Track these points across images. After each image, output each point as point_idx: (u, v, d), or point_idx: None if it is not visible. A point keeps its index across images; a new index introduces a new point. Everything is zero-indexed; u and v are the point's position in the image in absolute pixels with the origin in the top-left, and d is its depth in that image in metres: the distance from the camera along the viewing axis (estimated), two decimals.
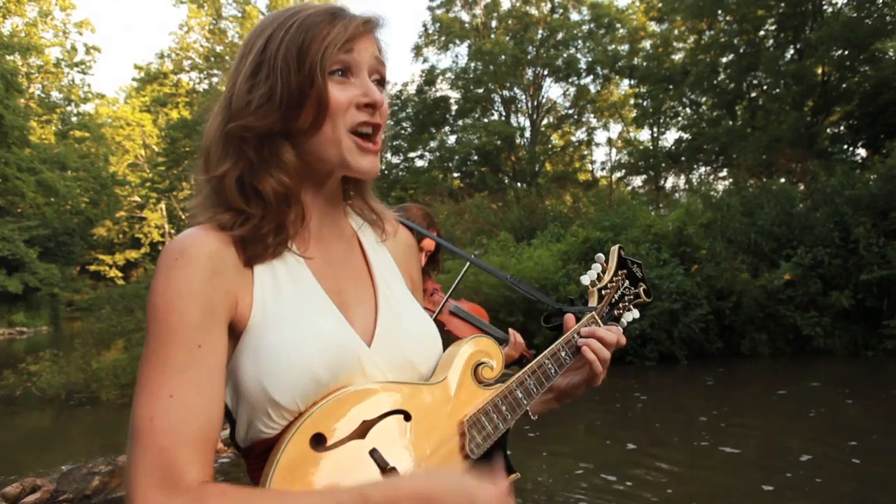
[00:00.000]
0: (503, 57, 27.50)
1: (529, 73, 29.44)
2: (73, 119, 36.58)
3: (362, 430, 0.85)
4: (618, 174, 30.10)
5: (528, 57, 28.52)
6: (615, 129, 37.13)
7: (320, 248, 0.98)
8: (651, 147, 27.16)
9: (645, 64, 25.73)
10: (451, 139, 30.54)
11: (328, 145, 0.91)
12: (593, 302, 1.26)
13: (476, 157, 29.32)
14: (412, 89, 31.18)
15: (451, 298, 2.58)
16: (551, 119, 31.00)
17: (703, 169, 24.99)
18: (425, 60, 30.90)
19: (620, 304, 1.32)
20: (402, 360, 0.96)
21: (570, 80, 28.94)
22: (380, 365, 0.92)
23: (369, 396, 0.88)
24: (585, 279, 1.28)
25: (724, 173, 23.38)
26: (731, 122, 22.29)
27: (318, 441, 0.82)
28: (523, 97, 30.23)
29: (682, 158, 24.61)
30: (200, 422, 0.78)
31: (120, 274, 41.68)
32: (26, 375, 11.10)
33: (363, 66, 0.94)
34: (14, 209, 29.72)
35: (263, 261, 0.89)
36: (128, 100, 42.06)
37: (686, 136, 24.96)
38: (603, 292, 1.29)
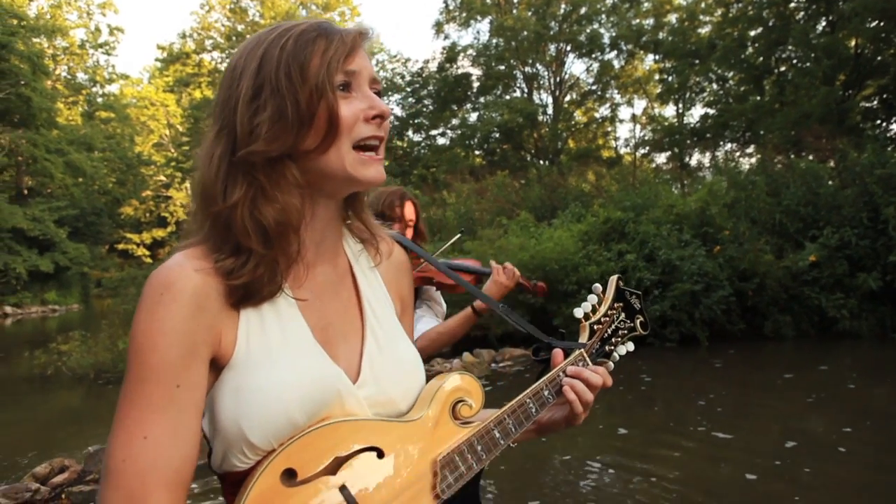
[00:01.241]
0: (525, 33, 27.07)
1: (552, 48, 28.99)
2: (99, 100, 37.03)
3: (334, 467, 0.85)
4: (642, 151, 29.66)
5: (551, 32, 28.05)
6: (639, 105, 36.58)
7: (312, 279, 0.97)
8: (676, 123, 26.67)
9: (670, 38, 25.13)
10: (473, 116, 30.32)
11: (334, 162, 0.89)
12: (584, 336, 1.23)
13: (498, 135, 29.08)
14: (433, 67, 30.97)
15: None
16: (574, 95, 30.57)
17: (729, 146, 24.51)
18: (446, 37, 30.69)
19: (613, 339, 1.28)
20: (383, 397, 0.95)
21: (593, 56, 28.46)
22: (361, 401, 0.92)
23: (343, 432, 0.88)
24: (579, 312, 1.25)
25: (751, 149, 22.93)
26: (758, 98, 21.77)
27: (289, 476, 0.82)
28: (546, 73, 29.84)
29: (708, 135, 24.15)
30: (173, 465, 0.79)
31: (147, 252, 42.42)
32: (57, 355, 11.43)
33: (363, 79, 0.92)
34: (44, 190, 30.33)
35: (254, 305, 0.89)
36: (151, 80, 42.38)
37: (712, 112, 24.47)
38: (595, 327, 1.26)
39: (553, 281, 11.08)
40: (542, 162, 27.26)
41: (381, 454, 0.90)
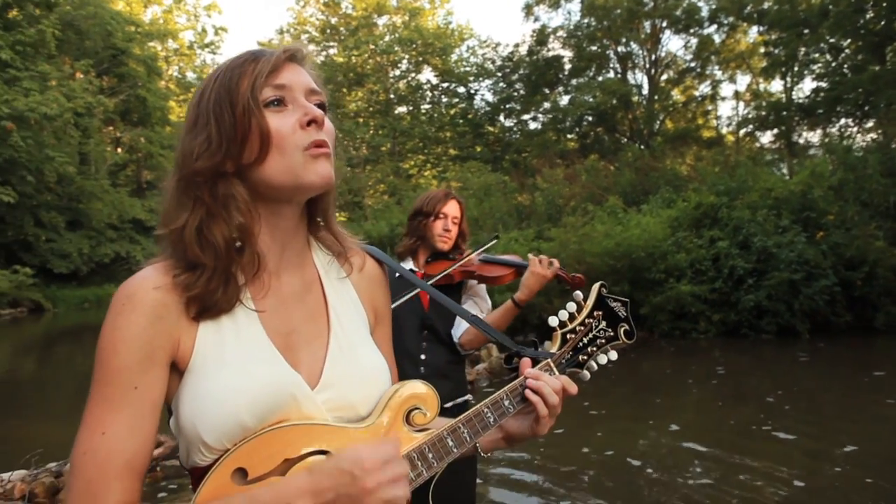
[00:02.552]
0: (618, 11, 26.11)
1: (646, 25, 27.78)
2: None
3: (284, 468, 0.91)
4: (745, 130, 27.97)
5: (645, 9, 26.87)
6: (743, 81, 34.46)
7: (277, 288, 1.02)
8: (783, 99, 24.93)
9: (776, 7, 23.44)
10: (565, 100, 29.67)
11: (278, 171, 0.94)
12: (556, 345, 1.21)
13: (591, 118, 28.34)
14: (523, 50, 30.54)
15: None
16: (671, 74, 29.19)
17: (843, 121, 22.63)
18: (536, 19, 29.99)
19: (590, 348, 1.24)
20: (343, 402, 0.99)
21: (691, 31, 27.03)
22: (319, 405, 0.97)
23: (294, 435, 0.93)
24: (553, 320, 1.22)
25: (870, 124, 21.06)
26: (877, 68, 19.94)
27: (240, 475, 0.89)
28: (640, 52, 28.66)
29: (819, 111, 22.41)
30: (127, 457, 0.88)
31: None
32: None
33: (297, 91, 0.97)
34: (159, 183, 32.61)
35: (212, 317, 0.95)
36: None
37: (823, 85, 22.66)
38: (568, 336, 1.22)
39: (639, 269, 10.76)
40: (637, 144, 26.32)
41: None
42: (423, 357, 2.45)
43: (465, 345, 2.54)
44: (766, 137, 26.73)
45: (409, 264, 2.60)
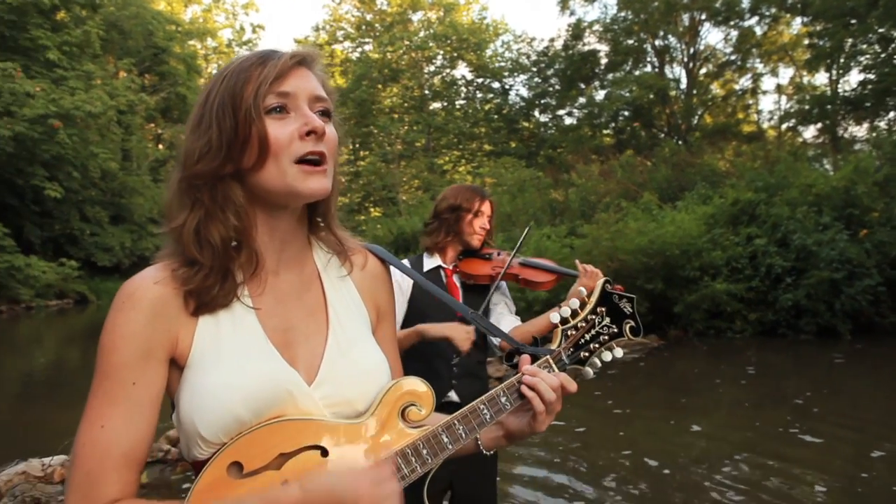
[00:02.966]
0: (655, 3, 25.65)
1: (685, 18, 27.25)
2: None
3: (279, 462, 0.92)
4: (787, 124, 27.22)
5: (684, 1, 26.34)
6: (785, 74, 33.54)
7: (275, 285, 1.04)
8: (828, 92, 24.17)
9: None
10: (601, 94, 29.31)
11: (273, 178, 0.96)
12: (556, 342, 1.19)
13: (627, 113, 27.94)
14: (559, 45, 30.25)
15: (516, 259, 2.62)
16: (710, 67, 28.58)
17: (891, 115, 21.83)
18: (572, 13, 29.67)
19: (592, 345, 1.22)
20: (339, 398, 1.00)
21: (731, 23, 26.40)
22: (317, 401, 0.98)
23: (290, 431, 0.94)
24: (555, 316, 1.20)
25: None
26: None
27: (236, 468, 0.91)
28: (678, 45, 28.13)
29: (866, 104, 21.66)
30: (124, 449, 0.91)
31: None
32: None
33: (300, 100, 0.97)
34: None
35: (210, 311, 0.98)
36: None
37: (871, 77, 21.88)
38: (569, 332, 1.20)
39: (674, 267, 10.58)
40: (674, 139, 25.84)
41: (325, 452, 0.96)
42: (455, 357, 2.42)
43: (503, 346, 2.53)
44: (810, 132, 25.99)
45: (435, 260, 2.55)
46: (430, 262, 2.54)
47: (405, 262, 2.54)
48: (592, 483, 4.59)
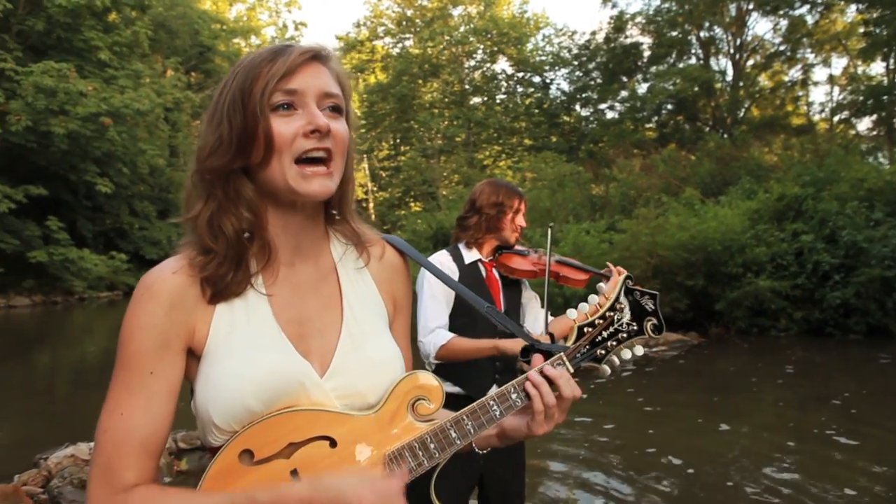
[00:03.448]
0: None
1: (731, 8, 26.51)
2: None
3: (288, 452, 0.95)
4: (840, 116, 26.27)
5: None
6: (838, 63, 32.29)
7: (290, 277, 1.06)
8: (884, 82, 23.21)
9: None
10: (643, 88, 28.77)
11: (276, 176, 0.98)
12: (571, 339, 1.16)
13: (670, 106, 27.36)
14: (600, 38, 29.81)
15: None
16: (758, 59, 27.75)
17: None
18: (614, 6, 29.32)
19: (609, 343, 1.18)
20: (351, 390, 1.02)
21: (780, 13, 25.56)
22: (328, 393, 1.00)
23: (300, 421, 0.97)
24: (572, 313, 1.17)
25: None
26: None
27: (247, 456, 0.94)
28: (724, 37, 27.38)
29: None
30: (143, 436, 0.94)
31: None
32: None
33: (308, 97, 0.98)
34: None
35: (225, 299, 1.00)
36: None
37: None
38: (586, 329, 1.17)
39: (716, 263, 10.35)
40: (720, 133, 25.21)
41: (333, 443, 0.98)
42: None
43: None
44: (864, 124, 25.03)
45: (474, 254, 2.56)
46: (469, 256, 2.56)
47: (442, 252, 2.56)
48: (627, 481, 4.54)
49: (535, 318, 2.66)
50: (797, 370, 8.20)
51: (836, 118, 26.35)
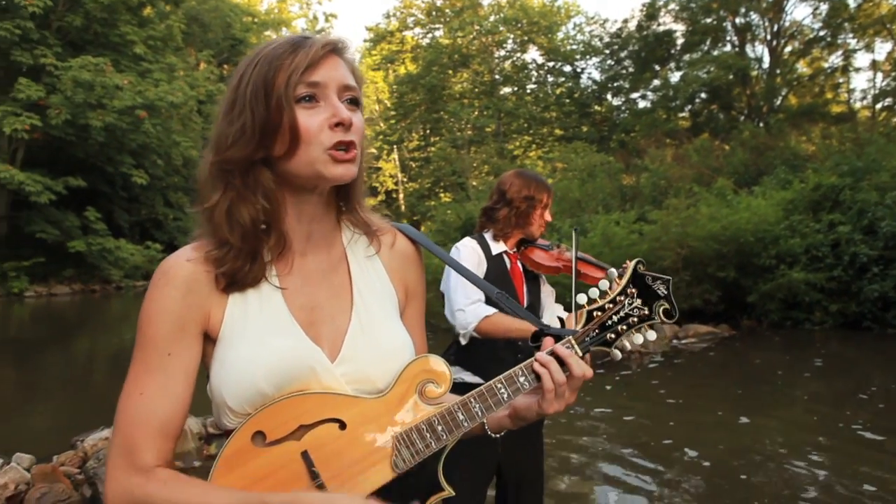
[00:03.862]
0: None
1: None
2: None
3: (299, 434, 0.98)
4: (883, 103, 25.45)
5: None
6: (882, 48, 31.28)
7: (302, 266, 1.08)
8: None
9: None
10: (676, 76, 28.28)
11: (303, 165, 1.00)
12: (581, 323, 1.16)
13: (704, 95, 26.84)
14: (632, 26, 29.35)
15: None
16: (796, 45, 27.01)
17: None
18: None
19: (619, 327, 1.17)
20: (360, 375, 1.04)
21: None
22: (338, 378, 1.03)
23: (311, 404, 1.00)
24: (582, 297, 1.16)
25: None
26: None
27: (259, 437, 0.97)
28: (761, 23, 26.71)
29: None
30: (161, 417, 0.98)
31: None
32: None
33: (330, 89, 1.00)
34: None
35: (239, 290, 1.04)
36: (362, 60, 45.68)
37: None
38: (595, 314, 1.16)
39: (748, 254, 10.17)
40: (755, 122, 24.66)
41: (343, 426, 1.00)
42: (519, 343, 2.45)
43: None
44: None
45: (501, 246, 2.58)
46: (496, 247, 2.57)
47: (469, 239, 2.58)
48: (648, 473, 4.51)
49: (552, 313, 2.66)
50: (826, 364, 8.02)
51: (878, 105, 25.54)
